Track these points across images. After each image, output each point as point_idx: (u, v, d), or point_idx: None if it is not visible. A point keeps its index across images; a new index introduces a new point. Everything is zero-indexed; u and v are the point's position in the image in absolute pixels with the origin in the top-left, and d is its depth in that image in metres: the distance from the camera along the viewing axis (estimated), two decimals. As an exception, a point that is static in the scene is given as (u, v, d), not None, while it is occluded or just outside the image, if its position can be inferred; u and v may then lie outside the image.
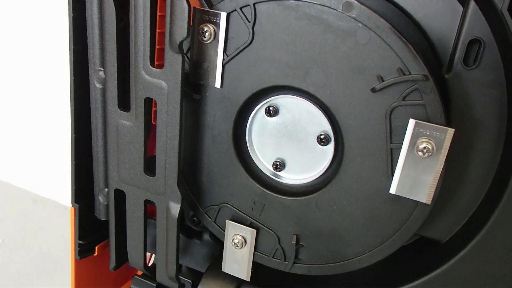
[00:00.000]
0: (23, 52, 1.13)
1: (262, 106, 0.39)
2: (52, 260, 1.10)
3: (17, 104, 1.24)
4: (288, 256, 0.42)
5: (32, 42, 1.11)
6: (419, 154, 0.33)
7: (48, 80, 1.14)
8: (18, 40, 1.13)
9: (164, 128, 0.38)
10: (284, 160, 0.40)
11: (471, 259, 0.38)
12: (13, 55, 1.15)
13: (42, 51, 1.09)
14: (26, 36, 1.11)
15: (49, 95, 1.16)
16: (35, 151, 1.29)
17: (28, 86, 1.19)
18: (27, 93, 1.20)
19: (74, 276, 0.50)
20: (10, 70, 1.19)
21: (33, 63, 1.13)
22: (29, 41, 1.11)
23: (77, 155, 0.43)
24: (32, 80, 1.17)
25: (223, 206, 0.42)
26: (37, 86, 1.17)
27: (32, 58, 1.12)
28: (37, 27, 1.06)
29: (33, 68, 1.14)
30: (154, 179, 0.41)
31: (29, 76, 1.17)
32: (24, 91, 1.20)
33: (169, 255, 0.43)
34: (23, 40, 1.12)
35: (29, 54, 1.12)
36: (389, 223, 0.37)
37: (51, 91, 1.15)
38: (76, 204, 0.45)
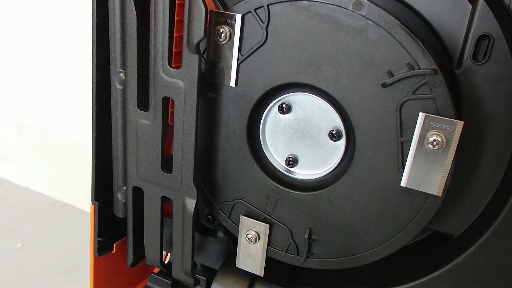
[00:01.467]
0: (47, 59, 1.16)
1: (276, 103, 0.40)
2: (69, 262, 1.12)
3: (34, 110, 1.27)
4: (301, 250, 0.42)
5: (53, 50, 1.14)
6: (429, 147, 0.34)
7: (66, 86, 1.17)
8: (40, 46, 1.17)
9: (181, 126, 0.39)
10: (297, 156, 0.41)
11: (484, 252, 0.39)
12: (36, 61, 1.18)
13: (64, 57, 1.11)
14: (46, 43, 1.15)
15: (67, 101, 1.19)
16: (53, 158, 1.32)
17: (46, 92, 1.22)
18: (45, 99, 1.23)
19: (92, 273, 0.51)
20: (28, 76, 1.23)
21: (55, 70, 1.16)
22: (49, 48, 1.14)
23: (98, 154, 0.45)
24: (50, 86, 1.20)
25: (237, 202, 0.44)
26: (55, 92, 1.20)
27: (55, 64, 1.15)
28: (60, 32, 1.08)
29: (53, 75, 1.17)
30: (171, 176, 0.42)
31: (48, 81, 1.20)
32: (42, 97, 1.24)
33: (185, 250, 0.45)
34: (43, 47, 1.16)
35: (53, 60, 1.14)
36: (401, 216, 0.38)
37: (68, 97, 1.18)
38: (96, 201, 0.47)
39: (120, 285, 0.57)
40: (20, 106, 1.30)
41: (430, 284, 0.41)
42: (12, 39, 1.19)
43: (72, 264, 1.13)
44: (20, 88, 1.27)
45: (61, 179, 1.32)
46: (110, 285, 0.55)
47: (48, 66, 1.16)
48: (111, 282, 0.55)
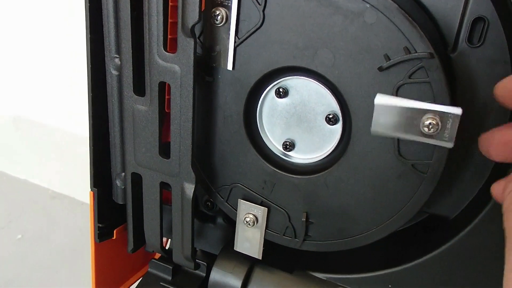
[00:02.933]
0: (47, 59, 1.16)
1: (272, 87, 0.40)
2: (70, 253, 1.13)
3: (32, 103, 1.27)
4: (298, 233, 0.43)
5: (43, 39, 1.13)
6: (425, 130, 0.34)
7: (61, 77, 1.16)
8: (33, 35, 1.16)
9: (178, 111, 0.39)
10: (294, 140, 0.41)
11: (478, 233, 0.39)
12: (37, 60, 1.18)
13: (64, 57, 1.12)
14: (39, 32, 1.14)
15: (63, 94, 1.19)
16: (52, 149, 1.32)
17: (44, 87, 1.22)
18: (43, 94, 1.23)
19: (94, 259, 0.52)
20: (24, 68, 1.22)
21: (55, 70, 1.16)
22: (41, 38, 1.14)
23: (95, 141, 0.45)
24: (49, 83, 1.20)
25: (235, 186, 0.44)
26: (54, 87, 1.20)
27: (55, 64, 1.15)
28: (60, 32, 1.08)
29: (49, 65, 1.17)
30: (169, 161, 0.42)
31: (44, 72, 1.20)
32: (40, 92, 1.23)
33: (185, 235, 0.45)
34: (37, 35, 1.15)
35: (53, 60, 1.14)
36: (396, 199, 0.38)
37: (64, 90, 1.18)
38: (95, 188, 0.47)
39: (122, 271, 0.58)
40: (18, 100, 1.30)
41: (425, 266, 0.42)
42: (12, 39, 1.19)
43: (72, 254, 1.14)
44: (18, 83, 1.27)
45: (60, 172, 1.32)
46: (111, 271, 0.55)
47: (48, 65, 1.16)
48: (113, 268, 0.55)
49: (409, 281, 0.43)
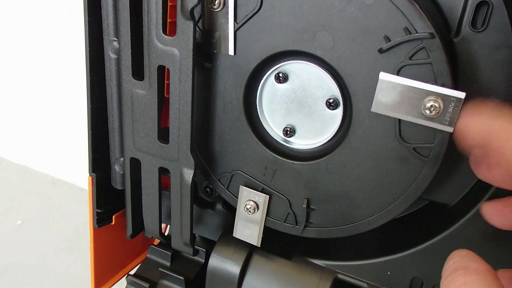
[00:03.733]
0: (47, 59, 1.15)
1: (272, 72, 0.39)
2: (69, 239, 1.14)
3: (32, 89, 1.27)
4: (299, 220, 0.43)
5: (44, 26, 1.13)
6: (426, 113, 0.33)
7: (62, 64, 1.16)
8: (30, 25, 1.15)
9: (177, 95, 0.39)
10: (294, 126, 0.41)
11: (478, 220, 0.39)
12: (36, 60, 1.17)
13: (64, 57, 1.11)
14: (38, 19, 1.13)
15: (64, 80, 1.19)
16: (51, 135, 1.32)
17: (43, 71, 1.21)
18: (42, 77, 1.22)
19: (92, 245, 0.52)
20: (24, 56, 1.21)
21: (47, 49, 1.15)
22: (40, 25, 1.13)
23: (94, 125, 0.45)
24: (46, 65, 1.19)
25: (236, 173, 0.44)
26: (52, 72, 1.19)
27: (55, 64, 1.15)
28: (60, 32, 1.08)
29: (47, 53, 1.16)
30: (167, 146, 0.42)
31: (44, 59, 1.19)
32: (39, 75, 1.23)
33: (184, 221, 0.45)
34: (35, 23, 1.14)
35: (53, 60, 1.14)
36: (398, 184, 0.38)
37: (66, 76, 1.17)
38: (93, 173, 0.47)
39: (121, 257, 0.58)
40: (18, 89, 1.29)
41: (425, 252, 0.42)
42: (12, 39, 1.18)
43: (72, 240, 1.14)
44: (16, 78, 1.26)
45: (60, 158, 1.32)
46: (110, 257, 0.55)
47: (48, 65, 1.15)
48: (112, 254, 0.55)
49: (409, 268, 0.43)
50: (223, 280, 0.48)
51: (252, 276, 0.48)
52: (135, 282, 0.52)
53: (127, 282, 0.53)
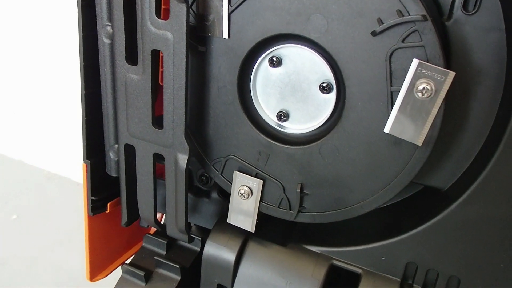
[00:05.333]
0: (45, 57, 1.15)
1: (266, 56, 0.39)
2: (65, 233, 1.14)
3: (27, 84, 1.26)
4: (293, 205, 0.43)
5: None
6: (418, 95, 0.34)
7: (57, 60, 1.15)
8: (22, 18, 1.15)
9: (171, 79, 0.39)
10: (288, 111, 0.41)
11: (471, 204, 0.39)
12: (35, 58, 1.17)
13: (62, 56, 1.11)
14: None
15: (59, 76, 1.18)
16: (47, 130, 1.31)
17: (38, 67, 1.21)
18: (37, 72, 1.22)
19: (87, 233, 0.52)
20: (17, 52, 1.21)
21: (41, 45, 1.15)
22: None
23: (88, 112, 0.45)
24: (41, 61, 1.19)
25: (230, 158, 0.44)
26: (47, 67, 1.19)
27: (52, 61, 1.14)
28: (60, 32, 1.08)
29: (41, 49, 1.16)
30: (162, 132, 0.42)
31: (37, 55, 1.19)
32: (34, 70, 1.22)
33: (179, 207, 0.45)
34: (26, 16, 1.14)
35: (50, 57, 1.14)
36: (390, 168, 0.38)
37: (61, 72, 1.17)
38: (88, 160, 0.47)
39: (116, 246, 0.58)
40: (15, 86, 1.29)
41: (419, 237, 0.42)
42: (12, 40, 1.18)
43: (68, 234, 1.14)
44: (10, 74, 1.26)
45: (56, 152, 1.32)
46: (105, 246, 0.55)
47: (42, 62, 1.15)
48: (107, 243, 0.55)
49: (403, 252, 0.43)
50: (218, 267, 0.49)
51: (248, 263, 0.48)
52: (130, 271, 0.52)
53: (123, 271, 0.53)
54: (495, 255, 0.40)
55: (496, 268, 0.40)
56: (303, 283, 0.46)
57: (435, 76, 0.33)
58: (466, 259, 0.41)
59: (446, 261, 0.42)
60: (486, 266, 0.40)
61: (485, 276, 0.41)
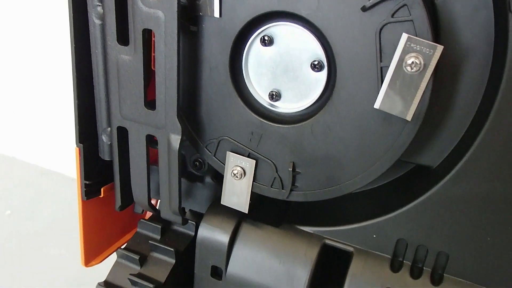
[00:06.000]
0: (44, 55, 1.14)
1: (258, 35, 0.40)
2: (59, 228, 1.13)
3: (19, 80, 1.25)
4: (285, 184, 0.44)
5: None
6: (407, 69, 0.34)
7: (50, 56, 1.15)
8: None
9: (163, 59, 0.39)
10: (280, 90, 0.42)
11: (459, 180, 0.40)
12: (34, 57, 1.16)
13: None
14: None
15: (53, 72, 1.18)
16: (40, 126, 1.31)
17: (31, 63, 1.20)
18: (29, 68, 1.21)
19: (81, 218, 0.52)
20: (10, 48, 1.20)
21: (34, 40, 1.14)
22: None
23: (80, 95, 0.45)
24: (34, 57, 1.18)
25: (222, 139, 0.44)
26: (40, 63, 1.18)
27: None
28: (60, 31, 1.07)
29: (34, 46, 1.15)
30: (154, 113, 0.42)
31: (31, 51, 1.18)
32: (26, 67, 1.21)
33: (172, 189, 0.45)
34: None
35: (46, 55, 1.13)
36: (380, 144, 0.39)
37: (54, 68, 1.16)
38: (80, 144, 0.47)
39: (111, 233, 0.58)
40: (7, 80, 1.28)
41: (409, 214, 0.43)
42: (12, 40, 1.17)
43: (62, 229, 1.14)
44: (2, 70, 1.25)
45: (50, 148, 1.31)
46: (100, 231, 0.56)
47: (35, 58, 1.14)
48: (101, 228, 0.55)
49: (393, 230, 0.44)
50: (212, 249, 0.49)
51: (241, 244, 0.49)
52: (125, 255, 0.53)
53: (117, 255, 0.54)
54: (482, 230, 0.41)
55: (483, 243, 0.41)
56: (296, 262, 0.46)
57: (424, 50, 0.34)
58: (454, 234, 0.42)
59: (435, 237, 0.42)
60: (473, 241, 0.41)
61: (473, 251, 0.41)
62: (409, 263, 0.44)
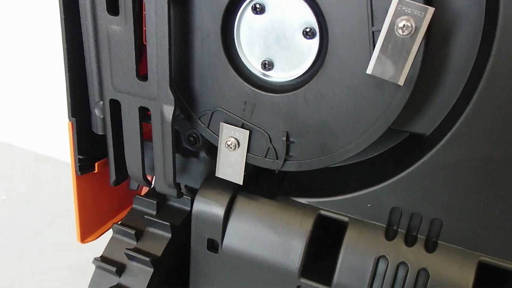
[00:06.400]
0: None
1: (249, 3, 0.39)
2: (55, 213, 1.13)
3: (13, 66, 1.24)
4: (279, 154, 0.44)
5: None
6: (399, 32, 0.34)
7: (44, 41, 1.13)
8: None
9: (154, 28, 0.39)
10: (272, 59, 0.41)
11: (451, 146, 0.40)
12: None
13: None
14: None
15: (46, 57, 1.16)
16: (34, 112, 1.30)
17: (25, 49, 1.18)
18: (23, 54, 1.20)
19: (76, 194, 0.52)
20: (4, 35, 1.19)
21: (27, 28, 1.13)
22: None
23: (71, 68, 0.45)
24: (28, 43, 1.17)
25: (216, 110, 0.44)
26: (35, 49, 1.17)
27: None
28: None
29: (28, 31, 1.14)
30: (147, 84, 0.42)
31: (26, 37, 1.16)
32: (20, 52, 1.20)
33: (166, 161, 0.45)
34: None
35: None
36: (373, 110, 0.39)
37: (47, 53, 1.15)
38: (73, 118, 0.46)
39: (106, 209, 0.58)
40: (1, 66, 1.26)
41: (402, 182, 0.43)
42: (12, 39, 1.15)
43: (57, 215, 1.14)
44: None
45: (45, 134, 1.31)
46: (95, 208, 0.56)
47: (29, 43, 1.12)
48: (97, 204, 0.56)
49: (387, 198, 0.44)
50: (208, 222, 0.49)
51: (237, 217, 0.49)
52: (121, 230, 0.53)
53: (113, 231, 0.54)
54: (475, 196, 0.41)
55: (476, 209, 0.41)
56: (292, 233, 0.47)
57: (415, 13, 0.33)
58: (447, 201, 0.42)
59: (428, 205, 0.43)
60: (466, 207, 0.42)
61: (466, 217, 0.42)
62: (403, 231, 0.45)
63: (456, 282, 0.42)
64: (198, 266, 0.52)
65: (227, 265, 0.50)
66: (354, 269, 0.45)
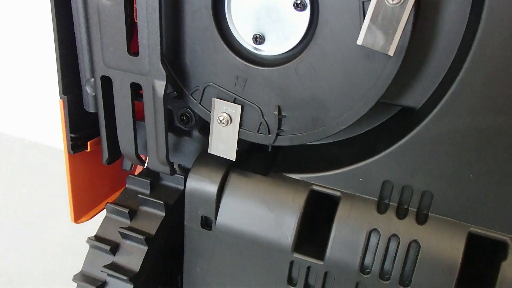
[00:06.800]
0: None
1: (239, -24, 0.39)
2: (47, 201, 1.13)
3: (3, 53, 1.22)
4: (271, 129, 0.44)
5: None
6: (388, 1, 0.34)
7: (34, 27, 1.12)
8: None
9: (144, 1, 0.39)
10: (264, 33, 0.41)
11: (441, 118, 0.40)
12: None
13: None
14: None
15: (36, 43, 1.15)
16: (24, 98, 1.28)
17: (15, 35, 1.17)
18: (13, 39, 1.18)
19: (69, 173, 0.52)
20: None
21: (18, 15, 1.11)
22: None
23: (61, 45, 0.44)
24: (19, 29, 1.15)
25: (208, 86, 0.44)
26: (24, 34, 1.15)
27: None
28: None
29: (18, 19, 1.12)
30: (138, 59, 0.42)
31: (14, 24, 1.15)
32: (10, 38, 1.19)
33: (159, 138, 0.45)
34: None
35: None
36: (364, 82, 0.39)
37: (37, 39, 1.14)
38: (64, 96, 0.46)
39: (100, 189, 0.58)
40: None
41: (393, 155, 0.43)
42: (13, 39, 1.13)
43: (50, 202, 1.13)
44: None
45: (34, 121, 1.30)
46: (89, 188, 0.56)
47: (20, 29, 1.10)
48: (90, 184, 0.56)
49: (379, 172, 0.45)
50: (201, 199, 0.49)
51: (230, 193, 0.49)
52: (115, 210, 0.53)
53: (107, 210, 0.54)
54: (464, 167, 0.42)
55: (466, 180, 0.42)
56: (285, 208, 0.47)
57: (405, -19, 0.34)
58: (437, 173, 0.43)
59: (419, 177, 0.43)
60: (456, 179, 0.42)
61: (456, 189, 0.42)
62: (395, 205, 0.45)
63: (446, 253, 0.43)
64: (192, 243, 0.52)
65: (221, 242, 0.50)
66: (347, 243, 0.45)
